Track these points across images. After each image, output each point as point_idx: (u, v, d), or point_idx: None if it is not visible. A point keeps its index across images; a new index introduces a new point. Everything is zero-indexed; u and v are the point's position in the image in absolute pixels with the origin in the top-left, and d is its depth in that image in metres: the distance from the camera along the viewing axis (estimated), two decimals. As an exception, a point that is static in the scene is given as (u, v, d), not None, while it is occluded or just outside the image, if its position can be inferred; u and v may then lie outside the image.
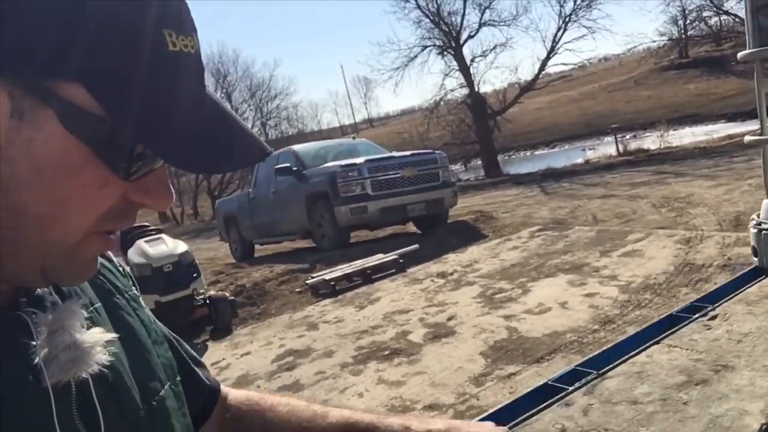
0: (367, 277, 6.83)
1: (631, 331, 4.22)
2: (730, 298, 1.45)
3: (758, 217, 1.64)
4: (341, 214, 8.50)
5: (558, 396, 1.14)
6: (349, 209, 8.42)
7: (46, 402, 0.50)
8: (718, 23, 28.48)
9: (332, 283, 6.64)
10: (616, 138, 20.04)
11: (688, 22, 29.74)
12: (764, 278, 1.53)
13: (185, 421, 0.66)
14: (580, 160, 20.02)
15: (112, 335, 0.56)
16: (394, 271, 6.97)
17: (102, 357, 0.53)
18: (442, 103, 23.54)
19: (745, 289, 1.49)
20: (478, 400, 3.65)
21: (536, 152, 33.93)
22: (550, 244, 6.96)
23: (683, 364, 1.19)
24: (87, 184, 0.47)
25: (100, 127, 0.46)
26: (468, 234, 8.42)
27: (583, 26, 22.18)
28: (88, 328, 0.54)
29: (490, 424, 0.83)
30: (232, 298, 6.39)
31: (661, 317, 1.46)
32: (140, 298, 0.68)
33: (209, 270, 8.91)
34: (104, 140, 0.46)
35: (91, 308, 0.59)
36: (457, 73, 23.11)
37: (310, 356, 4.87)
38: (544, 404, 1.12)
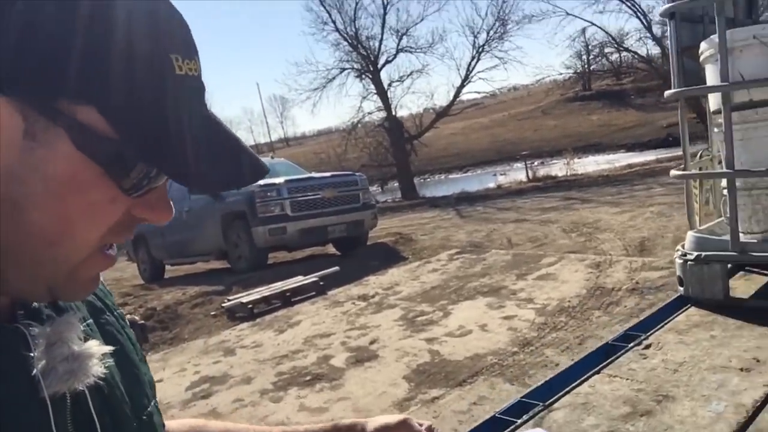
0: (287, 299, 6.69)
1: (550, 353, 4.35)
2: (660, 327, 1.51)
3: (683, 248, 1.72)
4: (259, 234, 8.31)
5: (508, 430, 1.12)
6: (268, 230, 8.26)
7: (44, 412, 0.51)
8: (619, 59, 30.43)
9: (250, 306, 6.45)
10: (525, 164, 20.87)
11: (591, 57, 31.57)
12: (689, 307, 1.60)
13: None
14: (492, 185, 20.65)
15: (109, 348, 0.58)
16: (314, 293, 6.87)
17: (98, 369, 0.54)
18: (359, 125, 23.72)
19: (673, 318, 1.55)
20: (402, 425, 3.62)
21: (450, 176, 34.76)
22: (468, 266, 7.09)
23: (626, 394, 1.21)
24: (96, 202, 0.49)
25: (111, 147, 0.48)
26: (388, 256, 8.45)
27: (496, 57, 23.11)
28: (84, 341, 0.55)
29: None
30: (142, 321, 6.08)
31: (598, 347, 1.49)
32: (126, 318, 0.70)
33: (116, 292, 8.45)
34: (114, 160, 0.48)
35: (85, 324, 0.60)
36: (375, 96, 23.42)
37: (227, 383, 4.69)
38: (495, 440, 1.10)
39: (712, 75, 2.06)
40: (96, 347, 0.55)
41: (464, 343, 4.75)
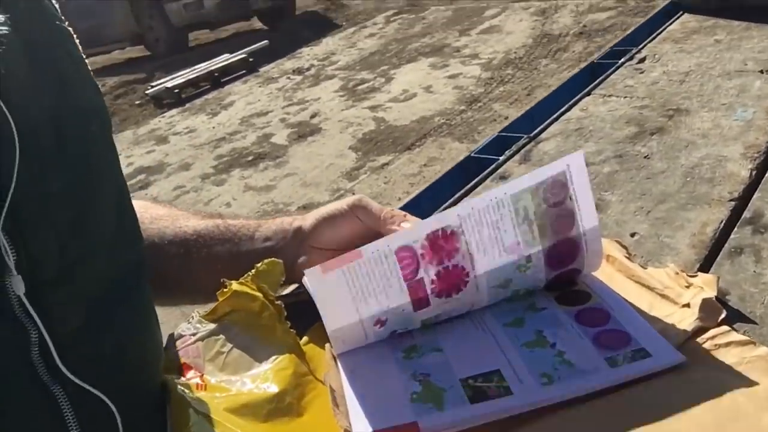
0: (216, 80, 6.20)
1: (499, 108, 4.18)
2: (653, 39, 1.25)
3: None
4: (174, 12, 7.46)
5: (489, 168, 0.90)
6: (183, 6, 7.40)
7: None
8: None
9: (176, 90, 5.96)
10: None
11: None
12: (682, 14, 1.34)
13: (115, 172, 0.51)
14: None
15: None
16: (244, 71, 6.37)
17: None
18: None
19: (666, 28, 1.29)
20: (354, 194, 3.50)
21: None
22: (407, 27, 6.61)
23: (628, 113, 0.98)
24: None
25: None
26: (320, 25, 7.80)
27: None
28: None
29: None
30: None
31: (581, 68, 1.25)
32: (74, 35, 0.51)
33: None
34: None
35: None
36: None
37: (165, 171, 4.43)
38: (473, 182, 0.87)
39: None
40: None
41: (409, 107, 4.52)
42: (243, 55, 6.52)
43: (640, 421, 0.44)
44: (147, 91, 6.21)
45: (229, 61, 6.41)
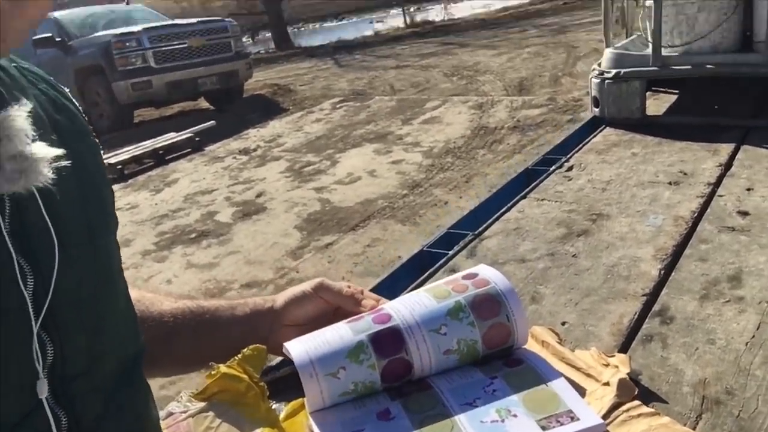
0: (160, 158, 6.23)
1: (439, 193, 4.39)
2: (579, 149, 1.44)
3: (599, 67, 1.63)
4: (121, 90, 7.52)
5: (440, 262, 1.02)
6: (130, 84, 7.48)
7: None
8: None
9: (119, 166, 5.96)
10: (403, 10, 20.22)
11: None
12: (604, 128, 1.54)
13: (122, 275, 0.60)
14: (369, 32, 19.92)
15: (61, 151, 0.49)
16: (190, 150, 6.44)
17: (49, 173, 0.47)
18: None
19: (591, 140, 1.48)
20: (297, 272, 3.57)
21: (325, 24, 33.19)
22: (353, 114, 6.90)
23: (558, 216, 1.13)
24: None
25: None
26: (267, 108, 8.02)
27: None
28: (33, 141, 0.47)
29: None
30: None
31: (518, 173, 1.41)
32: (101, 150, 0.61)
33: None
34: None
35: (38, 130, 0.49)
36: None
37: (105, 248, 4.37)
38: (428, 272, 0.99)
39: None
40: (46, 148, 0.47)
41: (354, 190, 4.68)
42: (189, 134, 6.61)
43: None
44: (89, 166, 6.17)
45: (175, 140, 6.49)
